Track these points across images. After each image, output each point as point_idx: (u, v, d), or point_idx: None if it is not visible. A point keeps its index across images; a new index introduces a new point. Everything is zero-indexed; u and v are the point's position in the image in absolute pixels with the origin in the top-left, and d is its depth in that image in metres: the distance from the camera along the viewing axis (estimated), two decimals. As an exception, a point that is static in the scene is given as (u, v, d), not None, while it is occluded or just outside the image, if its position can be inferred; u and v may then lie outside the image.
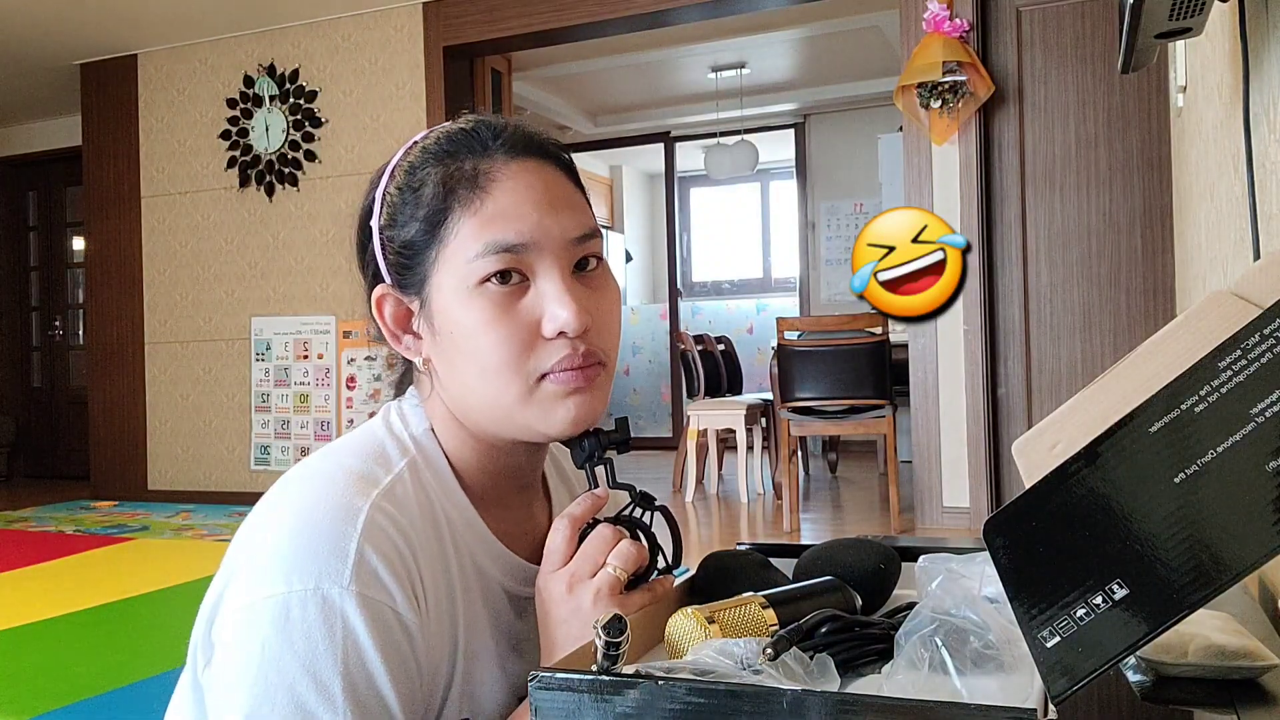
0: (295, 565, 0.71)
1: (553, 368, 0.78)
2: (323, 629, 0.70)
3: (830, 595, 0.80)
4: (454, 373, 0.81)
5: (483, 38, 5.24)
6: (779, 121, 8.11)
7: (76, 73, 6.19)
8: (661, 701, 0.58)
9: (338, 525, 0.72)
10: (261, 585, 0.71)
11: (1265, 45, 1.21)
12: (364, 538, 0.72)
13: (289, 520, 0.74)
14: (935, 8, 4.14)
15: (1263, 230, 1.26)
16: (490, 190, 0.78)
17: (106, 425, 6.15)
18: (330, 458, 0.80)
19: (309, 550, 0.71)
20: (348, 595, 0.70)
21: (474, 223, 0.78)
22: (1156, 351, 0.61)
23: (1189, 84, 2.37)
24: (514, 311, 0.78)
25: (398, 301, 0.82)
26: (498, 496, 0.86)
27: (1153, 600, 0.52)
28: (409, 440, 0.83)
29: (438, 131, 0.84)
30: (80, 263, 7.09)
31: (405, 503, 0.78)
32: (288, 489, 0.77)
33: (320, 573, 0.71)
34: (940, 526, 4.26)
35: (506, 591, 0.84)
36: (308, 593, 0.70)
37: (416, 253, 0.80)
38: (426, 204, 0.79)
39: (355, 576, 0.71)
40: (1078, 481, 0.54)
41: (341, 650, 0.70)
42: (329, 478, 0.77)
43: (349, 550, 0.71)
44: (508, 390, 0.78)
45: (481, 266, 0.77)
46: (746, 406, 5.36)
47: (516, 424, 0.80)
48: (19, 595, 3.69)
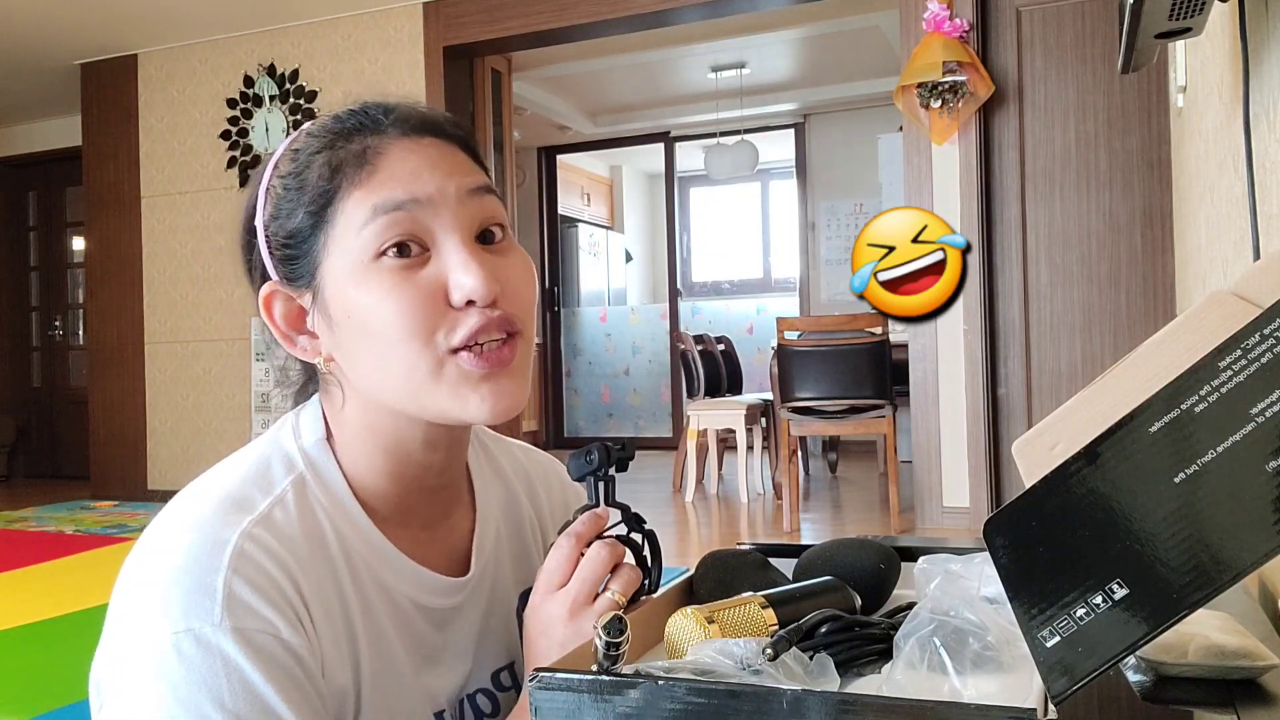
0: (166, 609, 0.68)
1: (464, 340, 0.72)
2: (203, 670, 0.66)
3: (830, 595, 0.80)
4: (357, 365, 0.75)
5: (483, 38, 5.24)
6: (779, 121, 8.11)
7: (76, 73, 6.19)
8: (661, 701, 0.58)
9: (204, 561, 0.69)
10: (136, 632, 0.68)
11: (1265, 45, 1.21)
12: (232, 570, 0.69)
13: (159, 560, 0.70)
14: (935, 8, 4.14)
15: (1263, 230, 1.26)
16: (379, 164, 0.73)
17: (106, 425, 6.15)
18: (208, 484, 0.76)
19: (178, 591, 0.68)
20: (221, 632, 0.67)
21: (360, 194, 0.72)
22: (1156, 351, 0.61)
23: (1189, 84, 2.37)
24: (415, 281, 0.72)
25: (288, 299, 0.77)
26: (406, 506, 0.81)
27: (1153, 600, 0.52)
28: (299, 456, 0.78)
29: (324, 116, 0.79)
30: (80, 263, 7.09)
31: (284, 526, 0.73)
32: (162, 524, 0.74)
33: (190, 613, 0.67)
34: (940, 526, 4.26)
35: (417, 605, 0.80)
36: (180, 635, 0.67)
37: (303, 240, 0.74)
38: (311, 188, 0.74)
39: (227, 611, 0.67)
40: (1078, 481, 0.54)
41: (227, 688, 0.66)
42: (199, 509, 0.73)
43: (216, 586, 0.68)
44: (417, 365, 0.72)
45: (372, 235, 0.71)
46: (746, 406, 5.36)
47: (430, 407, 0.74)
48: (19, 595, 3.69)
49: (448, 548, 0.85)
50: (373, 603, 0.77)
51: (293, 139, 0.79)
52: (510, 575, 0.90)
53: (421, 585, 0.80)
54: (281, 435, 0.80)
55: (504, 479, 0.93)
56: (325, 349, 0.77)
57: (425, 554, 0.82)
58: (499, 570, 0.88)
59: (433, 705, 0.81)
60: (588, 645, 0.67)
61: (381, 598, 0.78)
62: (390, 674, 0.78)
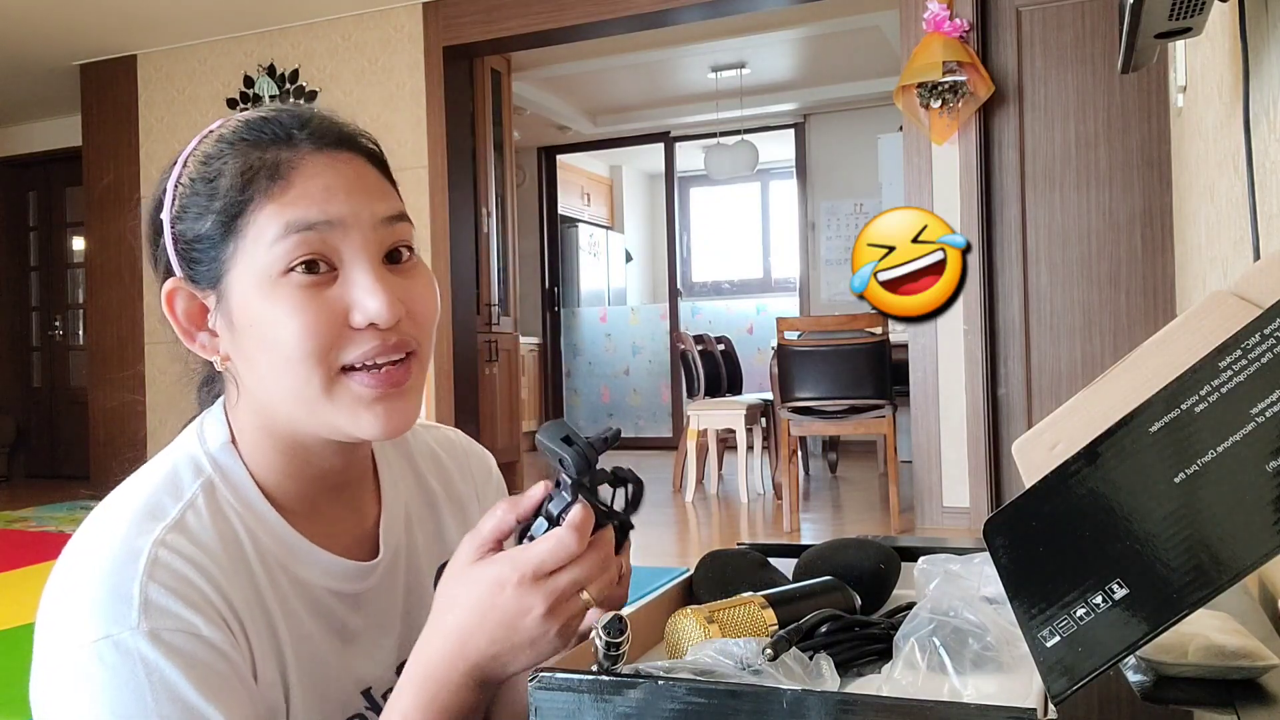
0: (84, 618, 0.68)
1: (359, 360, 0.73)
2: (123, 675, 0.67)
3: (830, 595, 0.80)
4: (254, 370, 0.76)
5: (483, 38, 5.24)
6: (779, 121, 8.11)
7: (76, 73, 6.19)
8: (661, 701, 0.58)
9: (119, 569, 0.70)
10: (56, 643, 0.69)
11: (1265, 45, 1.21)
12: (147, 576, 0.69)
13: (76, 572, 0.71)
14: (935, 8, 4.14)
15: (1263, 230, 1.26)
16: (293, 179, 0.73)
17: (106, 425, 6.15)
18: (122, 496, 0.78)
19: (94, 600, 0.69)
20: (139, 635, 0.67)
21: (273, 208, 0.72)
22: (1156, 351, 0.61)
23: (1189, 84, 2.37)
24: (320, 301, 0.72)
25: (190, 296, 0.78)
26: (311, 501, 0.82)
27: (1153, 600, 0.52)
28: (205, 460, 0.79)
29: (236, 119, 0.79)
30: (80, 263, 7.09)
31: (198, 530, 0.74)
32: (80, 538, 0.75)
33: (107, 620, 0.68)
34: (940, 526, 4.26)
35: (331, 591, 0.82)
36: (99, 643, 0.67)
37: (210, 246, 0.75)
38: (222, 195, 0.74)
39: (143, 615, 0.68)
40: (1078, 481, 0.54)
41: (149, 690, 0.67)
42: (115, 520, 0.74)
43: (132, 593, 0.69)
44: (309, 383, 0.73)
45: (283, 251, 0.72)
46: (746, 406, 5.36)
47: (322, 422, 0.75)
48: (19, 595, 3.69)
49: (360, 534, 0.86)
50: (288, 595, 0.79)
51: (200, 138, 0.79)
52: (424, 553, 0.91)
53: (332, 573, 0.82)
54: (187, 441, 0.82)
55: (410, 460, 0.94)
56: (224, 349, 0.78)
57: (336, 543, 0.83)
58: (412, 550, 0.90)
59: (359, 685, 0.83)
60: (587, 645, 0.67)
61: (296, 589, 0.80)
62: (314, 660, 0.79)
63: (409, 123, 5.35)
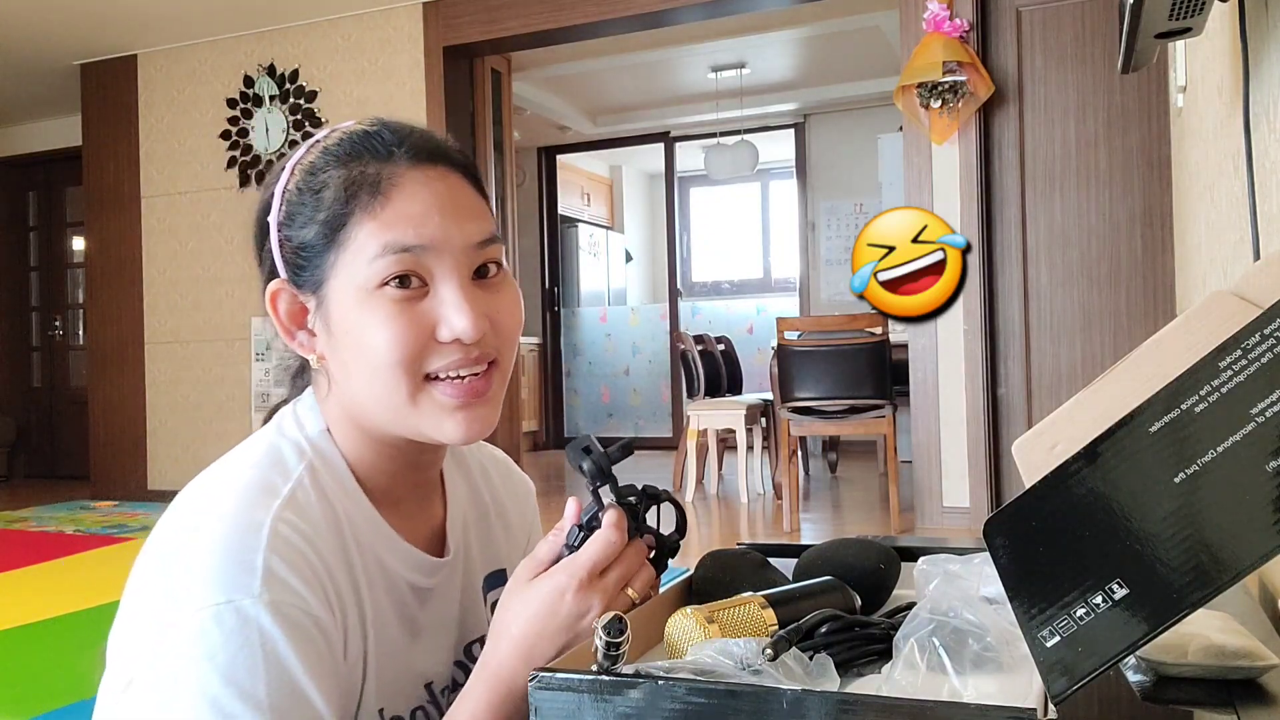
0: (208, 582, 0.71)
1: (443, 371, 0.79)
2: (238, 641, 0.70)
3: (830, 595, 0.80)
4: (347, 372, 0.81)
5: (483, 38, 5.23)
6: (779, 121, 8.11)
7: (76, 73, 6.19)
8: (661, 701, 0.58)
9: (241, 539, 0.73)
10: (176, 604, 0.72)
11: (1265, 45, 1.21)
12: (270, 549, 0.73)
13: (197, 539, 0.74)
14: (935, 8, 4.14)
15: (1263, 230, 1.26)
16: (392, 195, 0.78)
17: (106, 425, 6.14)
18: (229, 471, 0.81)
19: (219, 567, 0.72)
20: (259, 605, 0.71)
21: (373, 225, 0.77)
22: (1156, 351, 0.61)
23: (1189, 84, 2.37)
24: (410, 314, 0.78)
25: (293, 298, 0.82)
26: (395, 494, 0.87)
27: (1153, 600, 0.52)
28: (305, 444, 0.83)
29: (339, 132, 0.83)
30: (80, 263, 7.09)
31: (307, 508, 0.78)
32: (191, 506, 0.78)
33: (232, 587, 0.71)
34: (940, 526, 4.26)
35: (409, 583, 0.86)
36: (220, 606, 0.70)
37: (314, 254, 0.80)
38: (327, 207, 0.79)
39: (265, 586, 0.71)
40: (1078, 481, 0.54)
41: (262, 659, 0.70)
42: (228, 493, 0.77)
43: (256, 563, 0.72)
44: (396, 389, 0.78)
45: (380, 268, 0.77)
46: (746, 406, 5.36)
47: (407, 425, 0.81)
48: (19, 595, 3.69)
49: (429, 532, 0.91)
50: (375, 580, 0.83)
51: (307, 148, 0.84)
52: (478, 558, 0.95)
53: (413, 564, 0.86)
54: (285, 425, 0.85)
55: (465, 469, 0.99)
56: (320, 348, 0.82)
57: (410, 536, 0.87)
58: (469, 553, 0.94)
59: (422, 678, 0.87)
60: (587, 645, 0.67)
61: (381, 576, 0.83)
62: (389, 647, 0.83)
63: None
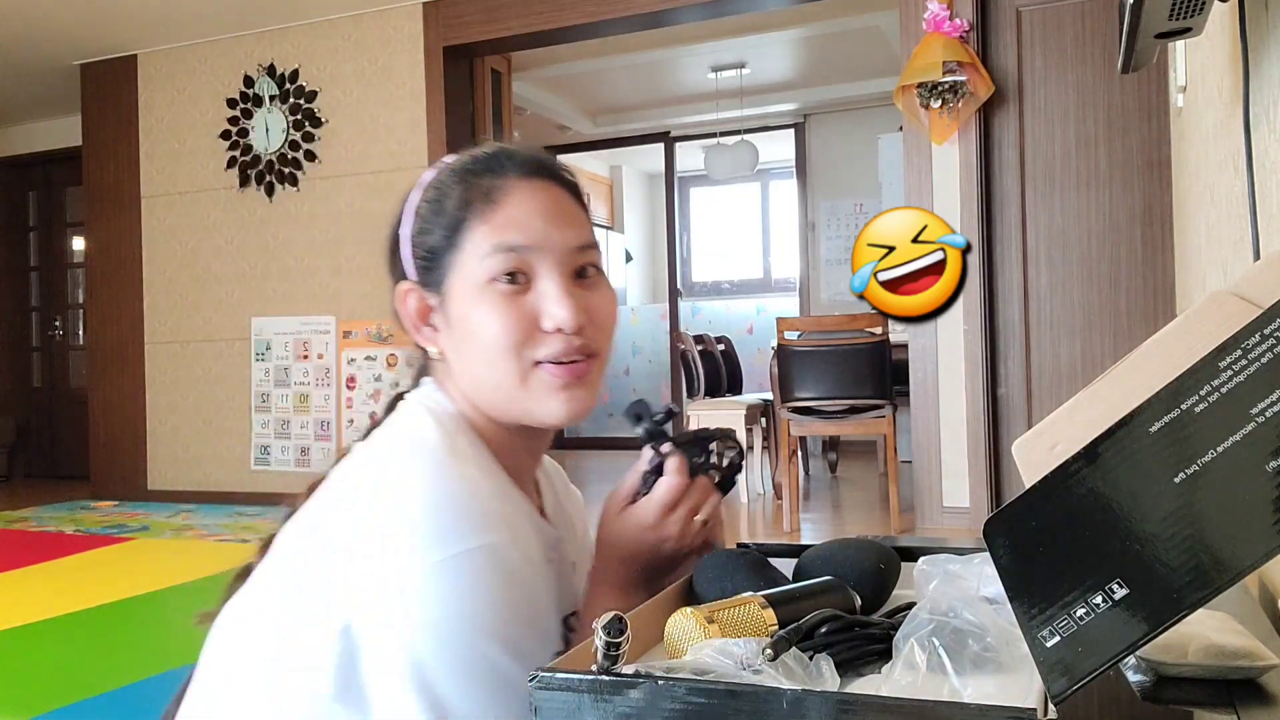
0: (438, 535, 0.78)
1: (547, 358, 0.88)
2: (490, 579, 0.79)
3: (830, 595, 0.80)
4: (464, 360, 0.91)
5: (483, 38, 5.23)
6: (779, 121, 8.11)
7: (76, 73, 6.19)
8: (661, 701, 0.58)
9: (466, 488, 0.82)
10: (408, 563, 0.78)
11: (1265, 45, 1.21)
12: (487, 497, 0.83)
13: (416, 493, 0.81)
14: (935, 8, 4.14)
15: (1263, 230, 1.26)
16: (502, 203, 0.90)
17: (106, 425, 6.14)
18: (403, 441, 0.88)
19: (446, 519, 0.79)
20: (506, 545, 0.81)
21: (486, 229, 0.89)
22: (1156, 351, 0.61)
23: (1189, 84, 2.37)
24: (517, 305, 0.88)
25: (420, 297, 0.93)
26: (516, 468, 0.95)
27: (1153, 600, 0.52)
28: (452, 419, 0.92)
29: (464, 155, 0.95)
30: (80, 263, 7.09)
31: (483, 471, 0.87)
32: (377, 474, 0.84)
33: (475, 530, 0.79)
34: (940, 526, 4.25)
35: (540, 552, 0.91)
36: (472, 551, 0.78)
37: (438, 255, 0.91)
38: (449, 214, 0.91)
39: (488, 531, 0.80)
40: (1078, 481, 0.54)
41: (506, 595, 0.80)
42: (420, 455, 0.85)
43: (474, 512, 0.81)
44: (508, 372, 0.88)
45: (491, 265, 0.88)
46: (746, 406, 5.35)
47: (517, 407, 0.90)
48: (19, 595, 3.69)
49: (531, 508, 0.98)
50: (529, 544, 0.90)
51: (436, 170, 0.96)
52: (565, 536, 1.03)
53: (543, 535, 0.94)
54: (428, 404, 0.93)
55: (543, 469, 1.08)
56: (441, 342, 0.93)
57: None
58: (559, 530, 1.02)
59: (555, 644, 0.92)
60: (588, 645, 0.67)
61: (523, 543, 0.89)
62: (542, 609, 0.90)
63: (409, 123, 5.35)
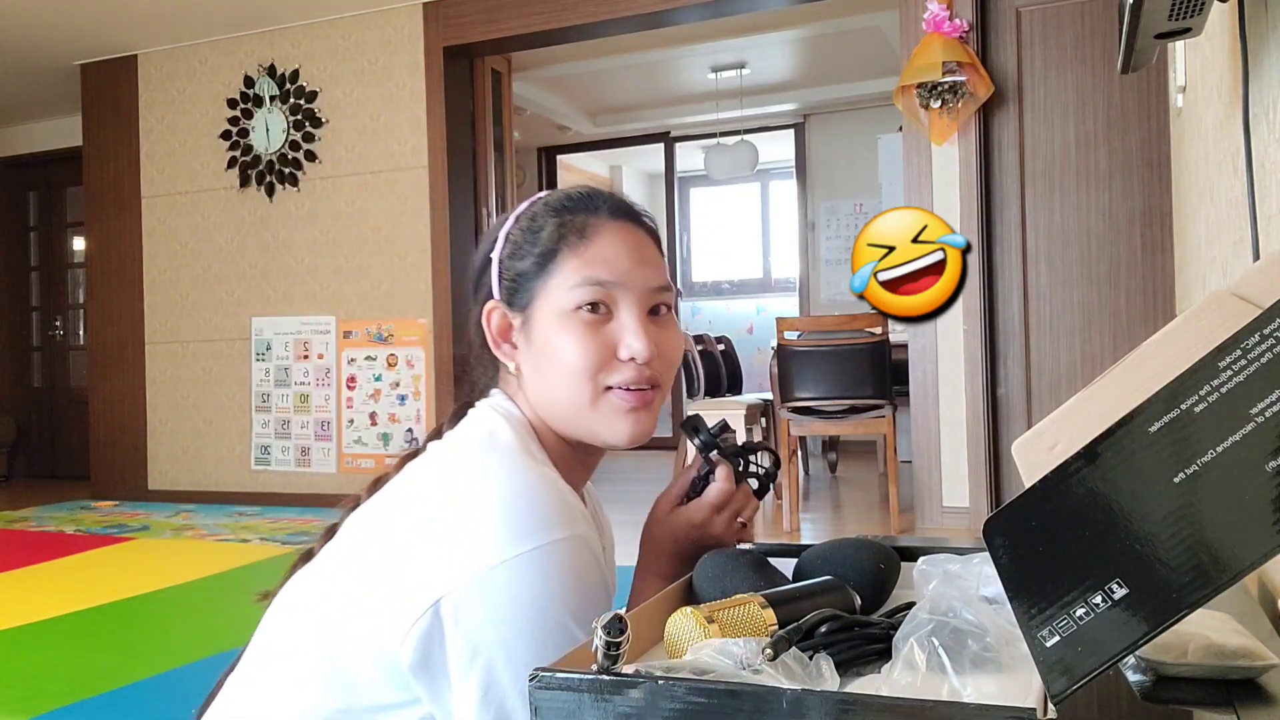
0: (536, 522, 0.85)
1: (619, 384, 0.97)
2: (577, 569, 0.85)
3: (830, 595, 0.80)
4: (540, 378, 0.99)
5: (483, 38, 5.23)
6: (779, 121, 8.10)
7: (76, 73, 6.19)
8: (661, 701, 0.58)
9: (545, 485, 0.88)
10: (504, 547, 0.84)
11: (1265, 45, 1.21)
12: (561, 501, 0.88)
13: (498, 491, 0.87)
14: (935, 8, 4.14)
15: (1262, 230, 1.26)
16: (594, 239, 0.99)
17: (106, 425, 6.14)
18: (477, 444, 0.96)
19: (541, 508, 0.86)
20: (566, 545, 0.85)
21: (577, 261, 0.98)
22: (1156, 351, 0.61)
23: (1189, 84, 2.37)
24: (597, 334, 0.97)
25: (504, 316, 1.02)
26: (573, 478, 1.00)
27: (1152, 600, 0.52)
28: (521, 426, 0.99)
29: (559, 193, 1.05)
30: (80, 263, 7.09)
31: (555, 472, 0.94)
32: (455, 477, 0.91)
33: (561, 522, 0.86)
34: (940, 526, 4.25)
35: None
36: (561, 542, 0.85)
37: (527, 280, 0.99)
38: (542, 244, 0.99)
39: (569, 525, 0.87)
40: (1078, 481, 0.54)
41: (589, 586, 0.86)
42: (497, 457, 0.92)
43: (555, 507, 0.87)
44: (582, 393, 0.97)
45: (578, 295, 0.97)
46: (746, 406, 5.35)
47: (585, 426, 0.98)
48: (19, 595, 3.69)
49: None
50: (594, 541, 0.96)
51: (530, 203, 1.05)
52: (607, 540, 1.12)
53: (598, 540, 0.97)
54: (499, 412, 1.00)
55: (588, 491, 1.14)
56: (519, 359, 1.01)
57: None
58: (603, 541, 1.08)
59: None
60: (588, 645, 0.67)
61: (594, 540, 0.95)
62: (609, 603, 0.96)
63: (409, 123, 5.35)
